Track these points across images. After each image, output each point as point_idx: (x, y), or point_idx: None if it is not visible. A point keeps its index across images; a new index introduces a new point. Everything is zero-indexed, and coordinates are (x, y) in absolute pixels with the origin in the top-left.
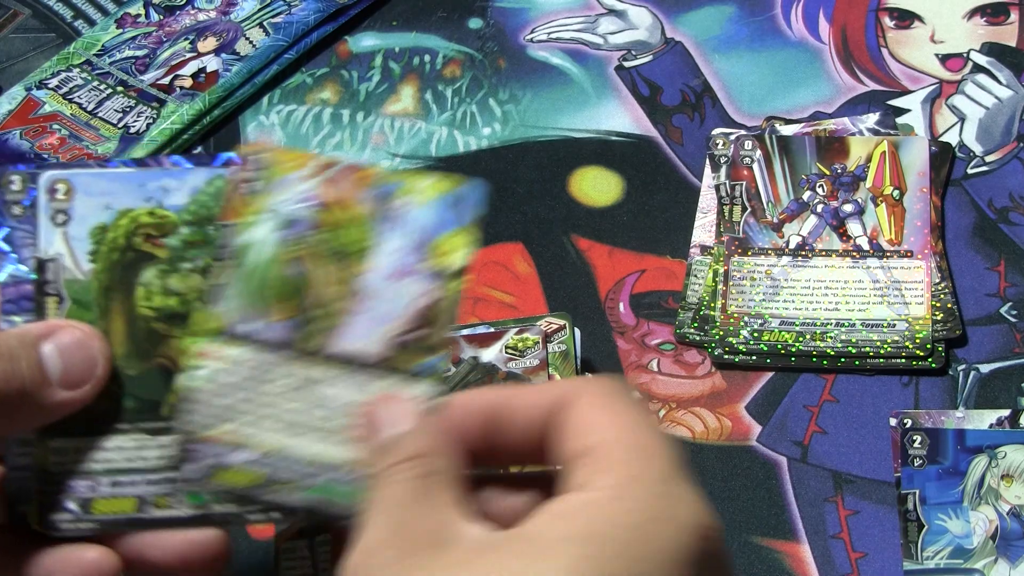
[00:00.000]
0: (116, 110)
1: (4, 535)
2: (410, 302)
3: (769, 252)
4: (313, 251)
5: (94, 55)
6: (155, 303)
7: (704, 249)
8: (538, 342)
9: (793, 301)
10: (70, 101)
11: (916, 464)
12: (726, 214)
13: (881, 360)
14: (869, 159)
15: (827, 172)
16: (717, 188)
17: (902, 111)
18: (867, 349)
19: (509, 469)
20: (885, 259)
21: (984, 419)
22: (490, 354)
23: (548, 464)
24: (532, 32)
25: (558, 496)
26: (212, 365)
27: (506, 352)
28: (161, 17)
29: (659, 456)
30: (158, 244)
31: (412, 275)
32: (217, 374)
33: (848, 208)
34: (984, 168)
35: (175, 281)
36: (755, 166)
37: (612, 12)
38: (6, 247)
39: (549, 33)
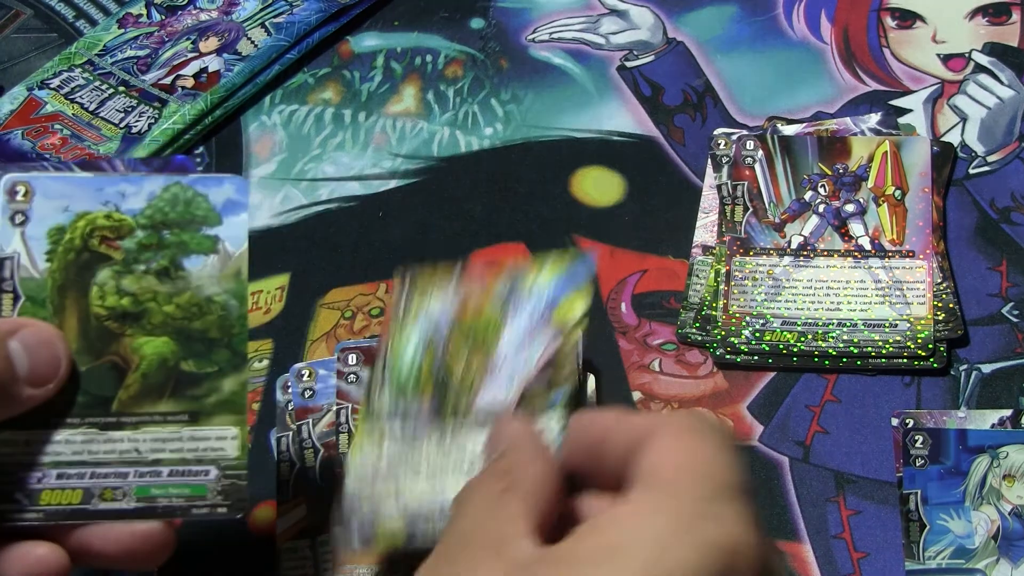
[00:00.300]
0: (118, 110)
1: None
2: (537, 357)
3: (771, 252)
4: (455, 343)
5: (96, 55)
6: (108, 302)
7: (706, 249)
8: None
9: (795, 301)
10: (72, 101)
11: (918, 464)
12: (728, 214)
13: (883, 360)
14: (871, 159)
15: (829, 172)
16: (719, 188)
17: (904, 111)
18: (869, 349)
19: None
20: (887, 259)
21: (986, 419)
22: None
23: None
24: (534, 32)
25: (605, 511)
26: (366, 451)
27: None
28: (163, 17)
29: (708, 477)
30: (113, 246)
31: (538, 336)
32: (369, 457)
33: (850, 208)
34: (986, 168)
35: (129, 282)
36: (757, 166)
37: (614, 12)
38: None
39: (551, 33)
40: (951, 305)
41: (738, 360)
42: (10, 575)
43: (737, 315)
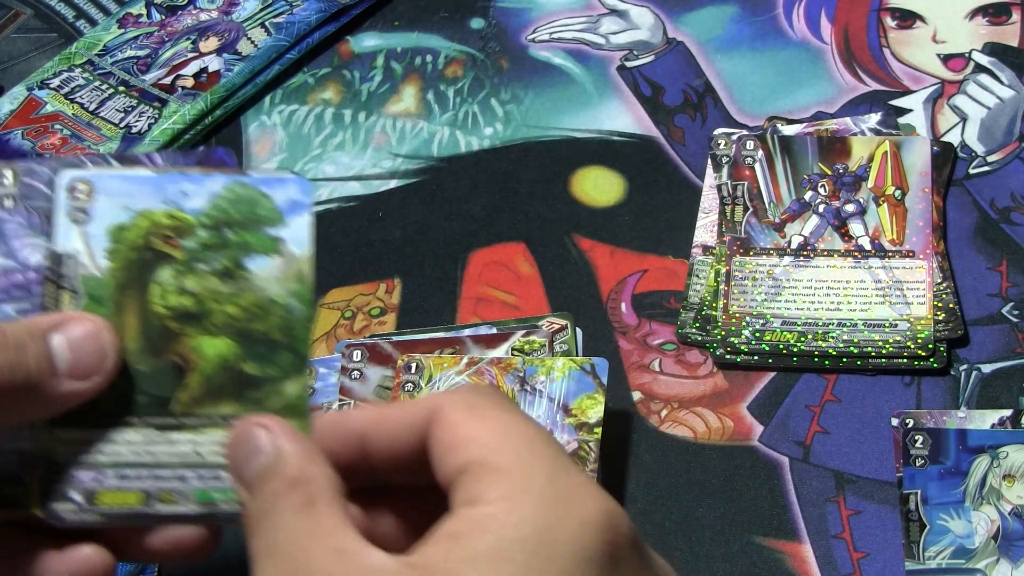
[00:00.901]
0: (118, 110)
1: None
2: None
3: (771, 252)
4: None
5: (96, 55)
6: (169, 302)
7: (706, 249)
8: (544, 344)
9: (795, 301)
10: (72, 101)
11: (918, 464)
12: (728, 214)
13: (883, 360)
14: (871, 159)
15: (829, 172)
16: (719, 188)
17: (904, 111)
18: (869, 349)
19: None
20: (887, 259)
21: (986, 419)
22: (497, 355)
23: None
24: (534, 32)
25: (450, 514)
26: None
27: (512, 354)
28: (163, 17)
29: (540, 454)
30: (175, 245)
31: (558, 429)
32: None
33: (850, 208)
34: (986, 168)
35: (190, 282)
36: (757, 166)
37: (614, 12)
38: None
39: (551, 33)
40: (951, 305)
41: (738, 360)
42: (59, 572)
43: (737, 315)
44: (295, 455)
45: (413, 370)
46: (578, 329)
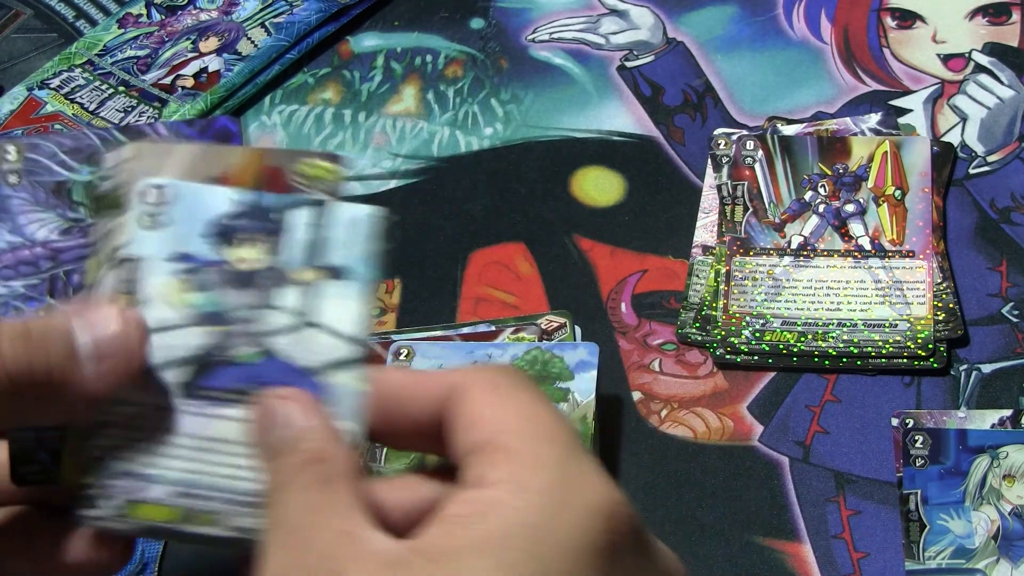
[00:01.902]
0: (118, 110)
1: (18, 516)
2: None
3: (771, 252)
4: None
5: (96, 55)
6: None
7: (706, 249)
8: (534, 341)
9: (795, 301)
10: (72, 101)
11: (918, 464)
12: (728, 214)
13: (883, 360)
14: (871, 159)
15: (829, 172)
16: (719, 188)
17: (904, 111)
18: (869, 349)
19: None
20: (887, 259)
21: (986, 419)
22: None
23: (447, 458)
24: (534, 32)
25: (456, 493)
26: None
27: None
28: (163, 17)
29: (553, 440)
30: None
31: None
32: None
33: (850, 208)
34: (986, 168)
35: None
36: (757, 166)
37: (614, 12)
38: (3, 214)
39: (551, 33)
40: (951, 305)
41: (738, 360)
42: (76, 552)
43: (737, 315)
44: (317, 431)
45: (403, 356)
46: (577, 327)
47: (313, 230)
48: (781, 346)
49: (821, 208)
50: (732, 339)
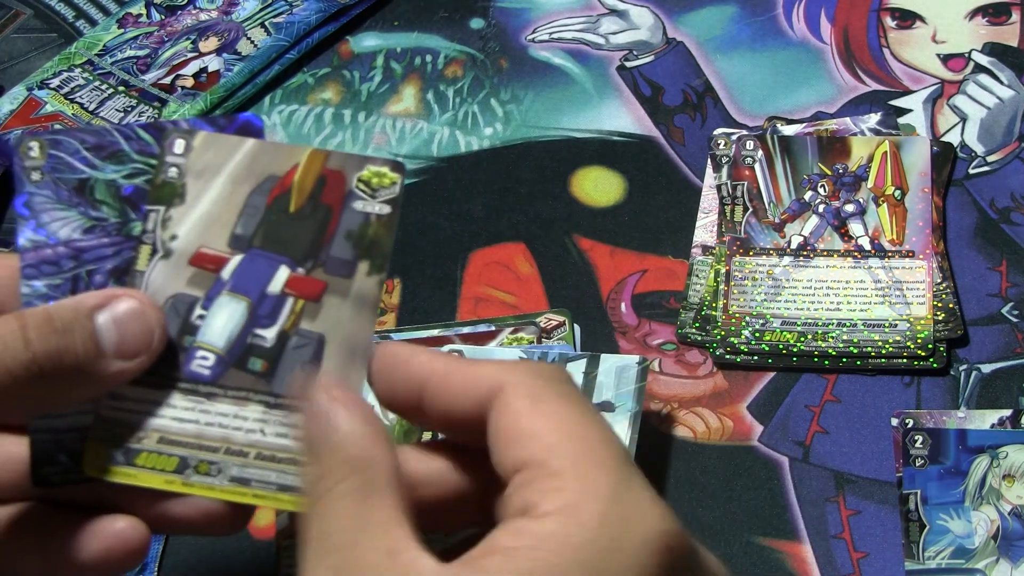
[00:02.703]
0: (118, 110)
1: (30, 514)
2: None
3: (771, 252)
4: None
5: (96, 55)
6: None
7: (706, 249)
8: (532, 341)
9: (795, 301)
10: (72, 101)
11: (918, 464)
12: (728, 214)
13: (883, 360)
14: (871, 159)
15: (829, 172)
16: (719, 188)
17: (904, 111)
18: (869, 349)
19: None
20: (887, 259)
21: (986, 419)
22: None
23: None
24: (534, 32)
25: (504, 524)
26: None
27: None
28: (163, 17)
29: (604, 464)
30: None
31: None
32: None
33: (850, 208)
34: (986, 168)
35: None
36: (757, 166)
37: (613, 12)
38: (26, 212)
39: (551, 33)
40: (951, 305)
41: (738, 360)
42: (90, 550)
43: (737, 315)
44: (360, 434)
45: None
46: (576, 325)
47: (585, 378)
48: (781, 346)
49: (821, 208)
50: (732, 339)
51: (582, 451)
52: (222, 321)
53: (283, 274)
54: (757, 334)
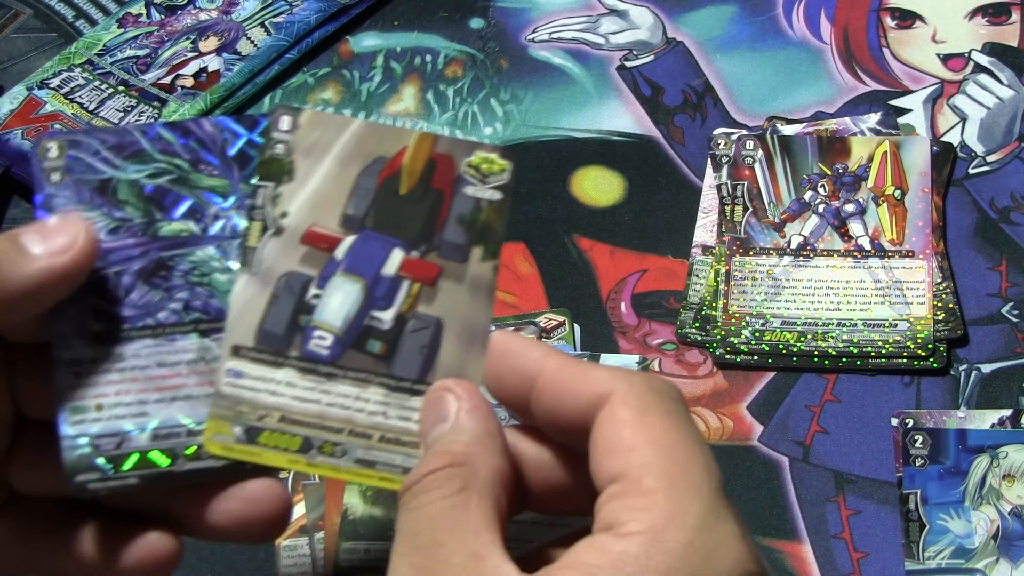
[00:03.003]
0: (117, 110)
1: (61, 517)
2: None
3: (771, 252)
4: None
5: (95, 55)
6: None
7: (706, 249)
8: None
9: (795, 301)
10: (71, 101)
11: (918, 464)
12: (727, 214)
13: (883, 360)
14: (870, 159)
15: (828, 172)
16: (718, 188)
17: (903, 111)
18: (869, 349)
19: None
20: (887, 259)
21: (986, 419)
22: None
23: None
24: (533, 32)
25: (589, 538)
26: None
27: None
28: (162, 17)
29: (696, 490)
30: None
31: None
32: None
33: (850, 208)
34: (985, 168)
35: None
36: (756, 166)
37: (613, 12)
38: (44, 212)
39: (550, 33)
40: (951, 305)
41: (738, 360)
42: (122, 563)
43: (737, 315)
44: (469, 432)
45: None
46: (576, 325)
47: None
48: (781, 346)
49: (821, 208)
50: (732, 339)
51: (679, 474)
52: (338, 301)
53: (397, 256)
54: (757, 334)
